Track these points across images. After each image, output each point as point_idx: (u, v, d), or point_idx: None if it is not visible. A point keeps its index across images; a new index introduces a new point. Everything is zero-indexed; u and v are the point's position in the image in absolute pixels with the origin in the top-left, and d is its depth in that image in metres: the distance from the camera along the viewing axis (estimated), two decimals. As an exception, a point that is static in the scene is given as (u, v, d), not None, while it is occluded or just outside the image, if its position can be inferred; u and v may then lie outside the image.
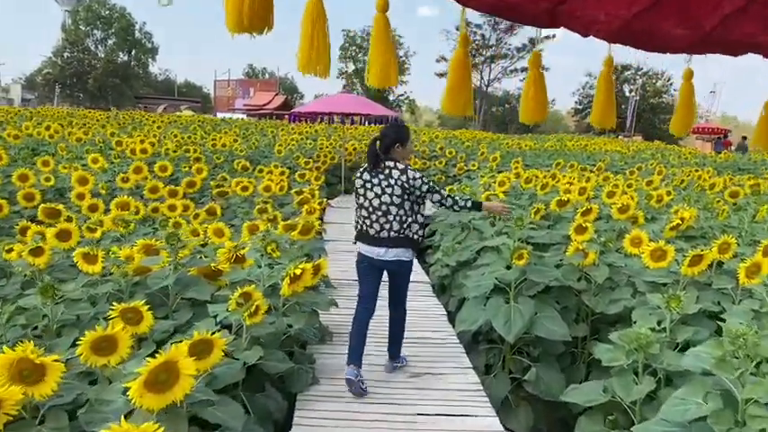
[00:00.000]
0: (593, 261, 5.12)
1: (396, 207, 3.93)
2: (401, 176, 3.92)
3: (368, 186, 4.01)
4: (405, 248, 4.02)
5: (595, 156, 18.26)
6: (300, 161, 12.62)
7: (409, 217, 3.98)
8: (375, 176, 3.98)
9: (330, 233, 8.86)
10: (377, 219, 3.98)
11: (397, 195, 3.92)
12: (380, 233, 3.98)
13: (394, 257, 4.02)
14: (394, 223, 3.94)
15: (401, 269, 4.12)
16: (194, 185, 8.09)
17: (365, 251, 4.08)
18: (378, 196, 3.96)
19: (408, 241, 4.02)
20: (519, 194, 7.64)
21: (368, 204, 4.01)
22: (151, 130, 14.69)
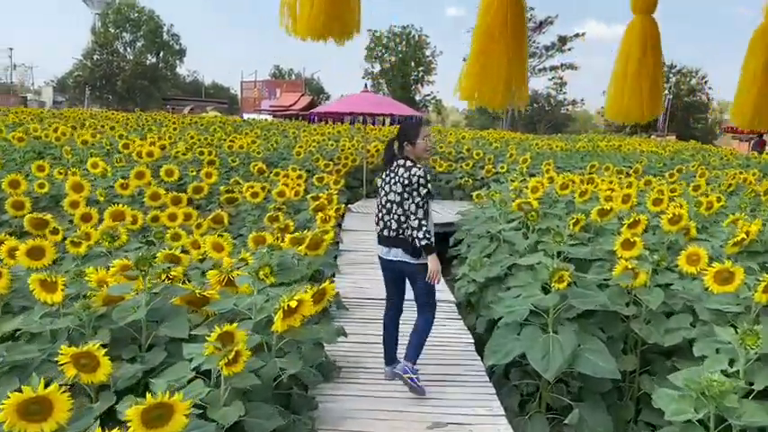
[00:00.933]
0: (645, 283, 4.41)
1: (396, 205, 3.90)
2: (404, 173, 3.87)
3: (381, 185, 4.06)
4: (403, 249, 3.92)
5: (630, 157, 17.36)
6: (320, 163, 12.04)
7: (408, 218, 3.85)
8: (387, 175, 4.03)
9: (347, 242, 8.26)
10: (382, 217, 4.00)
11: (397, 193, 3.88)
12: (383, 231, 4.00)
13: (395, 257, 3.97)
14: (393, 222, 3.92)
15: (408, 270, 3.99)
16: (201, 191, 7.54)
17: (378, 252, 4.11)
18: (386, 194, 3.97)
19: (405, 242, 3.90)
20: (554, 201, 6.93)
21: (378, 202, 4.06)
22: (167, 132, 14.25)
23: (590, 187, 6.68)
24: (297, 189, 8.95)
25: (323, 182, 10.39)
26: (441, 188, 13.47)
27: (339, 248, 7.74)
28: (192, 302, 3.59)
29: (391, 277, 4.16)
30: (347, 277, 6.57)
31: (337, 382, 3.96)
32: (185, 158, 9.61)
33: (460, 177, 13.44)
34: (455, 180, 13.47)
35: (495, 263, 5.64)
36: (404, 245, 3.91)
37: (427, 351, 4.37)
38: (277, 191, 8.52)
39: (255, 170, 10.79)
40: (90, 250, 4.76)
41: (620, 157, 17.10)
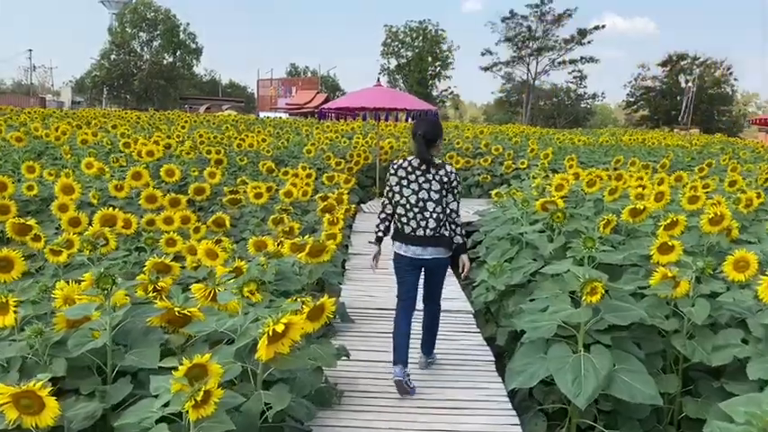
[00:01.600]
0: (687, 292, 3.90)
1: (434, 203, 3.87)
2: (439, 171, 3.89)
3: (404, 183, 3.92)
4: (442, 247, 3.94)
5: (656, 151, 16.70)
6: (331, 161, 11.60)
7: (446, 214, 3.93)
8: (412, 172, 3.90)
9: (357, 245, 7.80)
10: (414, 216, 3.90)
11: (435, 191, 3.87)
12: (416, 231, 3.90)
13: (431, 255, 3.94)
14: (431, 221, 3.87)
15: (438, 268, 4.05)
16: (203, 192, 7.13)
17: (402, 251, 3.99)
18: (415, 192, 3.89)
19: (445, 240, 3.94)
20: (580, 200, 6.41)
21: (404, 201, 3.91)
22: (176, 131, 13.90)
23: (619, 184, 6.14)
24: (305, 189, 8.52)
25: (333, 181, 9.95)
26: (458, 185, 12.98)
27: (348, 252, 7.28)
28: (172, 321, 3.17)
29: (415, 275, 4.07)
30: (355, 284, 6.10)
31: (339, 410, 3.49)
32: (190, 158, 9.21)
33: (478, 174, 12.92)
34: (473, 177, 12.95)
35: (516, 269, 5.14)
36: (443, 243, 3.93)
37: (442, 371, 3.91)
38: (284, 191, 8.09)
39: (264, 169, 10.38)
40: (71, 259, 4.36)
41: (644, 151, 16.45)
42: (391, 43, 68.87)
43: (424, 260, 3.96)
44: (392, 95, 12.23)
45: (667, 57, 63.22)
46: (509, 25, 62.90)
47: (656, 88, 64.72)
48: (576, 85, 66.30)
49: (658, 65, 64.11)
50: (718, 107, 61.35)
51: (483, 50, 65.43)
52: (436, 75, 68.94)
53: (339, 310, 4.71)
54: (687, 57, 62.66)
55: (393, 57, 69.14)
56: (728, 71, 61.69)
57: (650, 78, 65.20)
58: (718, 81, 61.29)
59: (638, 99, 66.07)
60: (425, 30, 67.62)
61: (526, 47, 62.98)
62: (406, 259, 3.98)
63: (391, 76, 68.05)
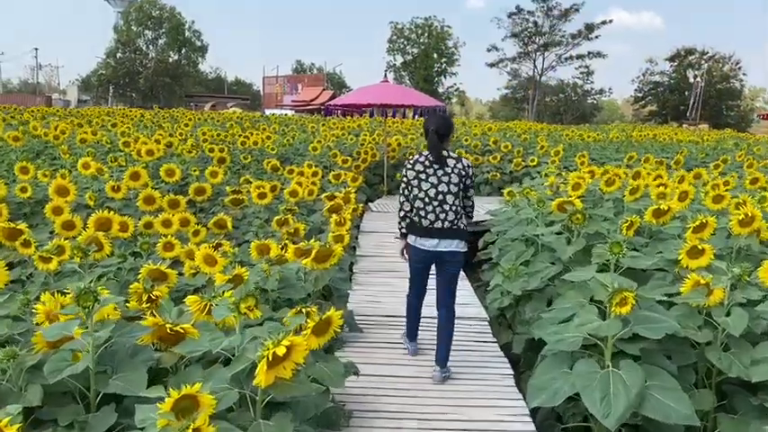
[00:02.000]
0: (721, 301, 3.61)
1: (453, 196, 3.94)
2: (457, 164, 3.95)
3: (422, 177, 3.97)
4: (459, 239, 4.00)
5: (668, 147, 16.35)
6: (338, 159, 11.32)
7: (464, 206, 4.06)
8: (430, 167, 3.96)
9: (366, 246, 7.52)
10: (433, 209, 3.94)
11: (455, 184, 3.93)
12: (435, 224, 3.95)
13: (446, 248, 3.97)
14: (449, 213, 3.93)
15: (454, 260, 4.04)
16: (204, 193, 6.86)
17: (419, 244, 4.02)
18: (434, 186, 3.94)
19: (462, 232, 4.01)
20: (598, 199, 6.12)
21: (423, 195, 3.96)
22: (179, 129, 13.65)
23: (640, 183, 5.84)
24: (311, 188, 8.25)
25: (340, 179, 9.67)
26: (467, 183, 12.68)
27: (356, 253, 7.01)
28: (164, 339, 2.90)
29: (427, 267, 4.16)
30: (363, 289, 5.83)
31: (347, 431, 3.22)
32: (191, 157, 8.94)
33: (488, 172, 12.61)
34: (482, 174, 12.65)
35: (533, 273, 4.86)
36: (461, 235, 4.00)
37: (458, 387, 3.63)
38: (289, 190, 7.83)
39: (269, 167, 10.13)
40: (63, 266, 4.11)
41: (656, 147, 16.10)
42: (397, 40, 68.53)
43: (442, 252, 3.99)
44: (399, 92, 11.94)
45: (675, 51, 62.66)
46: (515, 21, 62.48)
47: (664, 83, 64.10)
48: (582, 81, 65.83)
49: (666, 60, 63.58)
50: (727, 102, 60.69)
51: (489, 46, 65.08)
52: (442, 71, 68.54)
53: (347, 320, 4.44)
54: (695, 51, 62.04)
55: (399, 54, 68.86)
56: (737, 66, 61.09)
57: (658, 73, 64.62)
58: (726, 76, 60.65)
59: (646, 94, 65.45)
60: (431, 26, 67.23)
61: (532, 42, 62.49)
62: (423, 252, 4.03)
63: (397, 72, 67.70)
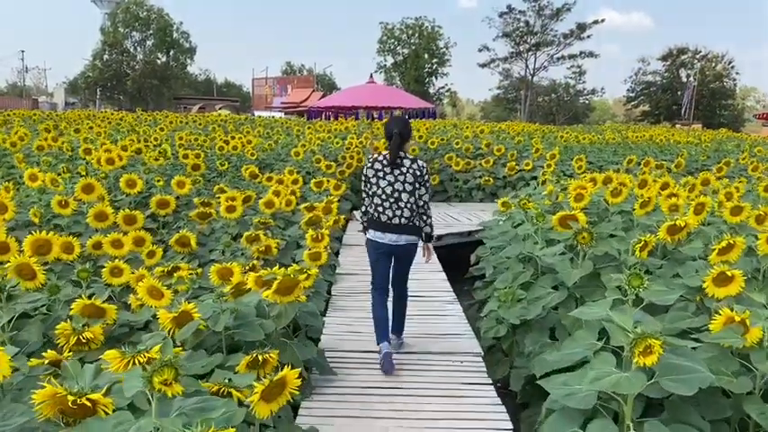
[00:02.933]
0: (760, 341, 3.02)
1: (408, 194, 4.21)
2: (412, 165, 4.22)
3: (380, 176, 4.24)
4: (414, 235, 4.30)
5: (666, 149, 15.80)
6: (321, 165, 10.68)
7: (419, 206, 4.27)
8: (387, 166, 4.23)
9: (347, 262, 6.89)
10: (389, 206, 4.22)
11: (410, 183, 4.20)
12: (392, 219, 4.23)
13: (404, 242, 4.28)
14: (405, 210, 4.21)
15: (409, 253, 4.38)
16: (166, 206, 6.21)
17: (378, 238, 4.30)
18: (390, 184, 4.21)
19: (417, 228, 4.30)
20: (603, 211, 5.51)
21: (381, 193, 4.23)
22: (153, 133, 12.98)
23: (650, 194, 5.23)
24: (288, 198, 7.62)
25: (322, 187, 9.04)
26: (458, 189, 12.04)
27: (336, 272, 6.39)
28: (68, 413, 2.27)
29: (387, 260, 4.41)
30: (340, 316, 5.19)
31: None
32: (159, 164, 8.27)
33: (479, 176, 12.01)
34: (474, 180, 12.04)
35: (534, 300, 4.25)
36: (416, 231, 4.30)
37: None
38: (264, 201, 7.20)
39: (247, 174, 9.49)
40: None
41: (654, 148, 15.55)
42: (387, 41, 67.93)
43: (398, 246, 4.29)
44: (387, 93, 11.37)
45: (668, 51, 62.32)
46: (506, 20, 61.94)
47: (657, 83, 63.73)
48: (574, 81, 65.41)
49: (659, 59, 63.23)
50: (720, 102, 60.38)
51: (480, 46, 64.52)
52: (433, 72, 67.99)
53: (318, 362, 3.81)
54: (688, 51, 61.71)
55: (389, 54, 68.23)
56: (730, 65, 60.80)
57: (651, 73, 64.28)
58: (720, 75, 60.34)
59: (638, 94, 65.06)
60: (421, 27, 66.68)
61: (524, 42, 61.96)
62: (381, 245, 4.31)
63: (388, 73, 67.09)
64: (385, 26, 67.56)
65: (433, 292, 5.92)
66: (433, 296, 5.78)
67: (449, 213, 10.44)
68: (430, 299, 5.71)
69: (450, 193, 12.05)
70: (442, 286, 6.09)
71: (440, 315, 5.26)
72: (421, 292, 5.86)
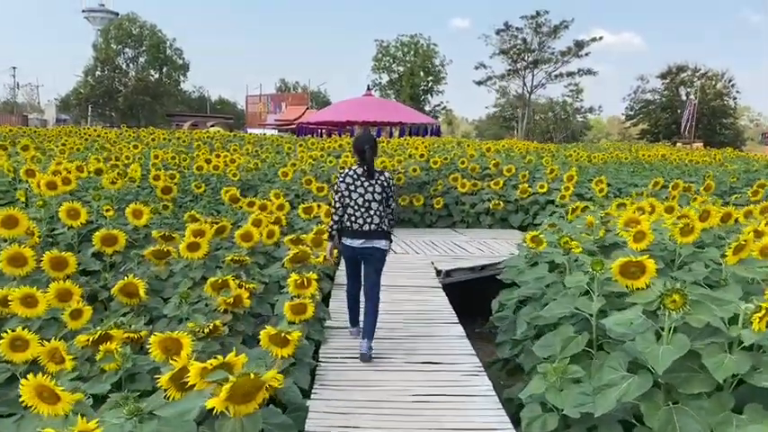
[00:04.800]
0: None
1: (377, 203, 4.71)
2: (380, 177, 4.76)
3: (352, 188, 4.71)
4: (383, 239, 4.79)
5: (686, 169, 14.65)
6: (312, 186, 9.47)
7: (386, 213, 4.79)
8: (358, 179, 4.71)
9: (338, 310, 5.61)
10: (361, 215, 4.68)
11: (378, 193, 4.71)
12: (363, 226, 4.69)
13: (373, 246, 4.75)
14: (375, 217, 4.70)
15: (378, 254, 4.82)
16: (113, 242, 4.96)
17: (351, 243, 4.76)
18: (362, 195, 4.69)
19: (385, 233, 4.79)
20: (669, 254, 4.29)
21: (353, 203, 4.70)
22: (125, 151, 11.75)
23: (748, 238, 4.00)
24: (270, 228, 6.40)
25: (311, 213, 7.82)
26: (465, 214, 10.81)
27: (324, 324, 5.13)
28: None
29: (357, 263, 4.94)
30: (330, 397, 3.86)
31: None
32: (115, 188, 7.00)
33: (488, 199, 10.80)
34: (482, 203, 10.82)
35: (602, 389, 3.02)
36: (383, 235, 4.78)
37: None
38: (241, 232, 5.98)
39: (227, 198, 8.27)
40: None
41: (675, 170, 14.40)
42: (383, 58, 67.16)
43: (369, 249, 4.73)
44: (385, 107, 10.24)
45: (667, 69, 61.59)
46: (503, 38, 61.23)
47: (656, 101, 62.90)
48: (572, 99, 64.62)
49: (657, 77, 62.48)
50: (721, 120, 59.56)
51: (477, 64, 63.72)
52: (428, 90, 67.17)
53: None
54: (687, 68, 60.97)
55: (384, 72, 67.39)
56: (730, 83, 60.07)
57: (650, 91, 63.49)
58: (720, 93, 59.57)
59: (637, 112, 64.21)
60: (417, 44, 65.94)
61: (521, 59, 61.19)
62: (353, 249, 4.76)
63: (383, 91, 66.17)
64: (380, 43, 66.92)
65: (451, 355, 4.67)
66: (451, 363, 4.52)
67: (455, 242, 9.21)
68: (448, 368, 4.45)
69: (456, 219, 10.81)
70: (461, 347, 4.83)
71: (463, 395, 3.98)
72: (436, 355, 4.64)
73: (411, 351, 4.75)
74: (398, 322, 5.51)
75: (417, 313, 5.77)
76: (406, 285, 6.70)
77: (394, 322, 5.48)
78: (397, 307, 5.94)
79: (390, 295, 6.26)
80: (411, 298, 6.29)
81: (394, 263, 7.74)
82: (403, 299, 6.25)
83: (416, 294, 6.43)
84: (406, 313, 5.78)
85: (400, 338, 5.09)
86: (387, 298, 6.16)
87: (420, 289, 6.60)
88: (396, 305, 6.00)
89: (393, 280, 6.80)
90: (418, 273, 7.29)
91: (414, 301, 6.18)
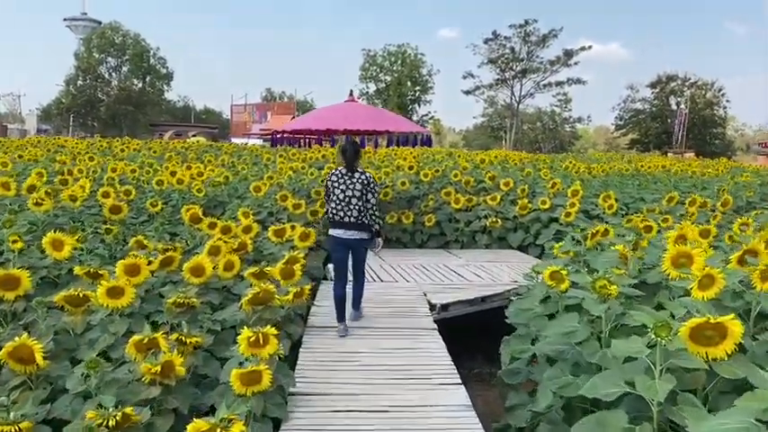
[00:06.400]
0: None
1: (356, 199, 5.31)
2: (361, 176, 5.38)
3: (335, 185, 5.38)
4: (363, 231, 5.40)
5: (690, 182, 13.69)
6: (288, 203, 8.36)
7: (366, 209, 5.36)
8: (341, 177, 5.38)
9: (309, 366, 4.49)
10: (342, 208, 5.33)
11: (358, 190, 5.32)
12: (344, 219, 5.33)
13: (353, 237, 5.38)
14: (354, 210, 5.31)
15: (359, 245, 5.49)
16: (15, 285, 3.82)
17: (335, 233, 5.42)
18: (343, 191, 5.33)
19: (365, 225, 5.40)
20: (742, 305, 3.25)
21: (335, 198, 5.36)
22: (79, 164, 10.58)
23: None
24: (228, 259, 5.27)
25: (283, 236, 6.70)
26: (459, 233, 9.73)
27: (289, 390, 3.99)
28: None
29: (345, 252, 5.47)
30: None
31: None
32: (42, 210, 5.87)
33: (484, 216, 9.75)
34: (477, 221, 9.75)
35: None
36: (363, 228, 5.39)
37: None
38: (191, 265, 4.87)
39: (187, 217, 7.15)
40: None
41: (678, 182, 13.44)
42: (369, 68, 66.23)
43: (350, 239, 5.39)
44: (370, 114, 9.14)
45: (656, 78, 61.13)
46: (491, 47, 60.53)
47: (646, 111, 62.37)
48: (560, 109, 63.98)
49: (647, 86, 62.01)
50: (711, 130, 59.11)
51: (465, 73, 62.95)
52: (416, 99, 66.30)
53: None
54: (677, 78, 60.51)
55: (371, 81, 66.46)
56: (720, 92, 59.69)
57: (639, 101, 62.97)
58: (710, 103, 59.16)
59: (627, 122, 63.66)
60: (404, 54, 65.11)
61: (510, 69, 60.48)
62: (337, 239, 5.43)
63: (370, 100, 65.20)
64: (367, 53, 65.99)
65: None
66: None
67: (450, 266, 8.11)
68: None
69: (450, 238, 9.69)
70: (465, 424, 3.72)
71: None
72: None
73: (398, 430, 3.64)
74: (382, 383, 4.32)
75: (407, 370, 4.55)
76: (393, 328, 5.55)
77: (377, 383, 4.31)
78: (382, 361, 4.76)
79: (375, 342, 5.15)
80: (399, 345, 5.12)
81: (380, 294, 6.63)
82: (389, 347, 5.07)
83: (406, 340, 5.27)
84: (392, 370, 4.58)
85: (384, 411, 3.90)
86: (370, 346, 5.06)
87: (411, 333, 5.44)
88: (380, 357, 4.84)
89: (378, 320, 5.71)
90: (408, 308, 6.14)
91: (403, 352, 4.99)
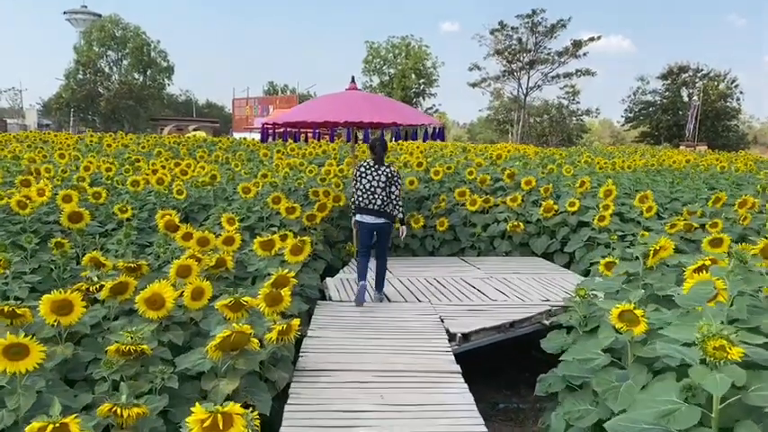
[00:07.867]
0: None
1: (380, 189, 5.92)
2: (386, 170, 5.98)
3: (363, 175, 5.99)
4: (384, 218, 5.98)
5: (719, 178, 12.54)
6: (280, 206, 7.30)
7: (390, 200, 5.97)
8: (368, 169, 5.99)
9: (299, 425, 3.42)
10: (367, 197, 5.94)
11: (382, 182, 5.93)
12: (368, 206, 5.95)
13: (378, 222, 5.99)
14: (377, 199, 5.93)
15: (382, 231, 6.07)
16: None
17: (361, 219, 6.02)
18: (369, 182, 5.94)
19: (387, 213, 5.98)
20: None
21: (362, 187, 5.97)
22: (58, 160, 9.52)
23: None
24: (198, 286, 4.20)
25: (272, 249, 5.63)
26: (476, 238, 8.64)
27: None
28: None
29: (369, 235, 6.07)
30: None
31: None
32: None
33: (503, 219, 8.66)
34: (496, 225, 8.66)
35: None
36: (386, 215, 5.98)
37: None
38: (146, 296, 3.82)
39: (162, 225, 6.11)
40: None
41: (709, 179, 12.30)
42: (373, 60, 65.03)
43: (374, 224, 5.99)
44: (375, 104, 7.99)
45: (668, 69, 59.60)
46: (498, 38, 59.18)
47: (657, 103, 60.90)
48: (568, 101, 62.59)
49: (658, 77, 60.53)
50: (724, 122, 57.64)
51: (471, 65, 61.62)
52: (420, 92, 65.08)
53: None
54: (689, 69, 58.99)
55: (375, 74, 65.25)
56: (733, 83, 58.19)
57: (650, 92, 61.46)
58: (723, 94, 57.65)
59: (637, 114, 62.22)
60: (408, 45, 63.85)
61: (517, 60, 59.11)
62: (363, 224, 6.04)
63: (374, 93, 64.08)
64: (371, 45, 64.77)
65: None
66: None
67: (467, 280, 6.99)
68: None
69: (465, 244, 8.58)
70: None
71: None
72: None
73: None
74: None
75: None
76: (404, 371, 4.32)
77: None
78: (391, 424, 3.55)
79: (381, 393, 3.98)
80: (412, 400, 3.86)
81: (389, 320, 5.51)
82: (400, 402, 3.83)
83: (420, 392, 4.00)
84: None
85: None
86: (375, 401, 3.86)
87: (427, 378, 4.21)
88: (387, 418, 3.63)
89: (387, 357, 4.57)
90: (422, 340, 4.93)
91: (416, 410, 3.73)
